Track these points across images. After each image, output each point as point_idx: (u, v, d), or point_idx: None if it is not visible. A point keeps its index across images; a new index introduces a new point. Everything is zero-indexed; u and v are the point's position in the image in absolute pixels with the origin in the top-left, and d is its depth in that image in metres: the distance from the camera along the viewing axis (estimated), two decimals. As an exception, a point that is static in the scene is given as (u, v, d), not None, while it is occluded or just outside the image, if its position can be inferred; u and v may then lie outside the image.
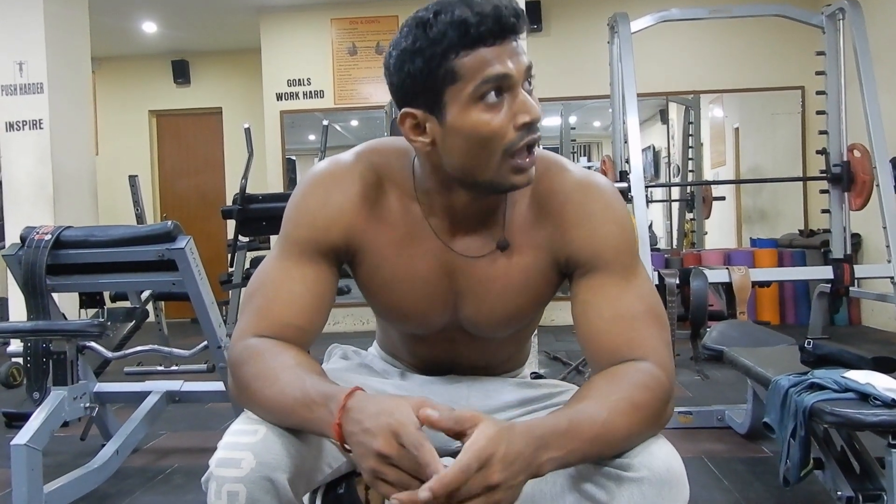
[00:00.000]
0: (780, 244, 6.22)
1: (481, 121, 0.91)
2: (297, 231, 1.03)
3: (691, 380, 3.91)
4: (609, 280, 0.99)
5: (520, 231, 1.04)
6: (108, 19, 6.28)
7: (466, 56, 0.89)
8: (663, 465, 0.88)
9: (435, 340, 1.12)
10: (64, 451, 2.86)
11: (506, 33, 0.89)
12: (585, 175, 1.04)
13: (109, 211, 6.13)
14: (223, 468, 0.87)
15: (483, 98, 0.91)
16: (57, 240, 2.40)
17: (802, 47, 5.20)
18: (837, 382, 1.81)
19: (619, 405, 0.88)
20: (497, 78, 0.90)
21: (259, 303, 1.01)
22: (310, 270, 1.01)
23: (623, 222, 1.02)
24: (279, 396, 0.90)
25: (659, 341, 0.97)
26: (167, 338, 4.49)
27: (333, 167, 1.05)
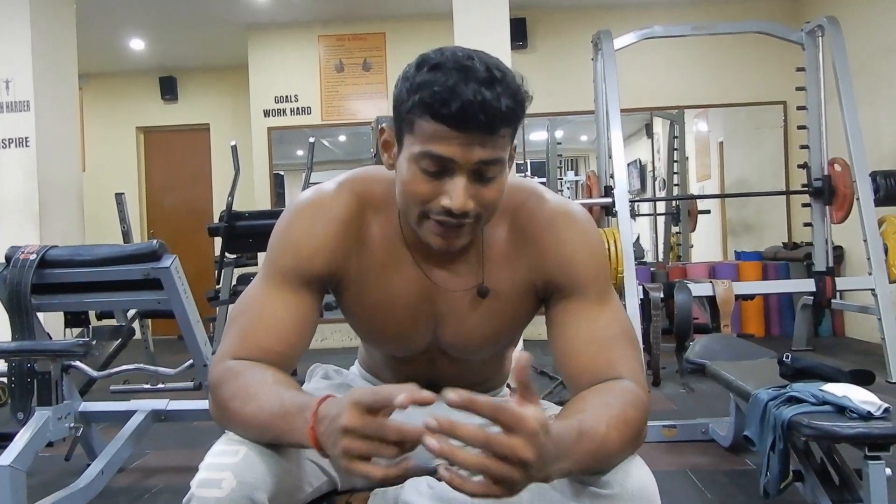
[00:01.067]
0: (765, 257, 6.28)
1: (413, 179, 0.94)
2: (282, 259, 1.05)
3: (676, 393, 3.94)
4: (585, 304, 1.02)
5: (498, 259, 1.06)
6: (96, 36, 6.30)
7: (425, 120, 0.91)
8: (637, 483, 0.90)
9: (416, 362, 1.14)
10: (49, 471, 2.85)
11: (470, 127, 0.89)
12: (562, 204, 1.07)
13: (96, 227, 6.12)
14: (204, 489, 0.88)
15: (420, 160, 0.93)
16: (42, 259, 2.41)
17: (784, 63, 5.27)
18: (815, 395, 1.84)
19: (614, 421, 0.89)
20: (437, 157, 0.92)
21: (242, 327, 1.03)
22: (293, 298, 1.03)
23: (597, 249, 1.06)
24: (257, 412, 0.91)
25: (635, 362, 1.00)
26: (153, 355, 4.48)
27: (317, 197, 1.07)
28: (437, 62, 0.91)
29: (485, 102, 0.88)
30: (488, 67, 0.90)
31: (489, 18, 4.28)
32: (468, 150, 0.91)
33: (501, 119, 0.90)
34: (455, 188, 0.92)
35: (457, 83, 0.88)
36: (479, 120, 0.89)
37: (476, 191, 0.94)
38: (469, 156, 0.91)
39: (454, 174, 0.92)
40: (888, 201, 4.37)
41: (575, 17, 6.41)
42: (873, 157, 4.61)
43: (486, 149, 0.91)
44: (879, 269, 4.10)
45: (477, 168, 0.93)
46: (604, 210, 4.64)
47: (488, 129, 0.90)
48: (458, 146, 0.90)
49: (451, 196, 0.93)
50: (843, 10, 5.07)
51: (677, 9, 6.31)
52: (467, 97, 0.88)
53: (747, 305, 5.85)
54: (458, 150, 0.91)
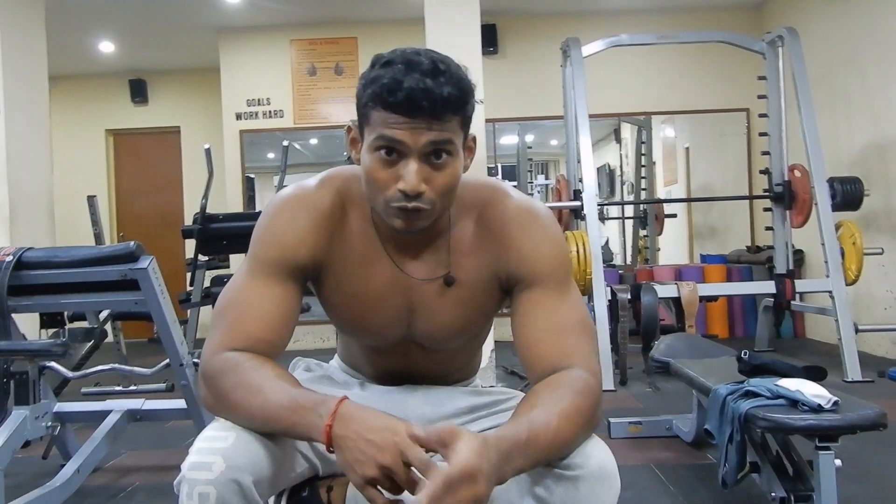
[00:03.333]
0: (729, 260, 6.44)
1: (373, 167, 1.04)
2: (266, 252, 1.12)
3: (642, 391, 4.04)
4: (544, 294, 1.10)
5: (465, 252, 1.14)
6: (65, 38, 6.26)
7: (378, 111, 1.01)
8: (597, 463, 0.98)
9: (392, 352, 1.21)
10: (25, 472, 2.85)
11: (417, 113, 0.99)
12: (526, 202, 1.16)
13: (66, 230, 6.07)
14: (195, 471, 0.95)
15: (378, 150, 1.03)
16: (18, 261, 2.42)
17: (747, 71, 5.43)
18: (770, 390, 1.94)
19: (565, 413, 0.98)
20: (389, 140, 1.01)
21: (231, 318, 1.09)
22: (278, 288, 1.10)
23: (558, 244, 1.15)
24: (264, 404, 0.97)
25: (589, 349, 1.09)
26: (126, 357, 4.48)
27: (299, 192, 1.15)
28: (388, 59, 1.02)
29: (427, 90, 0.98)
30: (433, 61, 1.01)
31: (460, 24, 4.35)
32: (417, 134, 1.00)
33: (444, 104, 0.99)
34: (408, 171, 1.01)
35: (403, 74, 0.99)
36: (423, 105, 0.98)
37: (429, 174, 1.02)
38: (418, 139, 1.00)
39: (407, 158, 1.01)
40: (845, 207, 4.52)
41: (545, 24, 6.52)
42: (831, 163, 4.78)
43: (434, 132, 1.00)
44: (836, 271, 4.25)
45: (427, 151, 1.01)
46: (573, 213, 4.74)
47: (432, 113, 0.99)
48: (406, 130, 1.00)
49: (405, 178, 1.01)
50: (803, 22, 5.24)
51: (645, 17, 6.46)
52: (411, 85, 0.98)
53: (712, 307, 6.00)
54: (407, 134, 1.00)
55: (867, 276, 4.62)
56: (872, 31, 4.94)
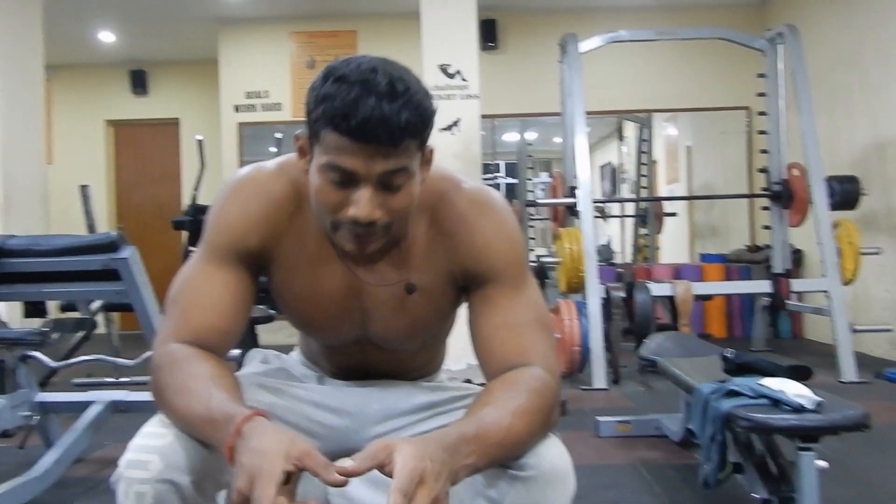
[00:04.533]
0: (729, 259, 6.40)
1: (322, 189, 0.97)
2: (217, 237, 1.07)
3: (635, 391, 4.01)
4: (500, 291, 1.06)
5: (420, 255, 1.09)
6: (65, 27, 6.24)
7: (330, 132, 0.93)
8: (549, 464, 0.95)
9: (349, 351, 1.18)
10: (4, 462, 2.83)
11: (369, 140, 0.91)
12: (477, 193, 1.09)
13: (63, 220, 6.06)
14: (132, 469, 0.92)
15: (328, 173, 0.95)
16: (1, 249, 2.41)
17: (748, 69, 5.38)
18: (753, 389, 1.91)
19: (519, 410, 0.94)
20: (340, 168, 0.94)
21: (181, 307, 1.05)
22: (230, 275, 1.06)
23: (512, 236, 1.09)
24: (186, 409, 0.94)
25: (546, 346, 1.05)
26: (117, 349, 4.47)
27: (255, 175, 1.10)
28: (341, 74, 0.93)
29: (384, 117, 0.90)
30: (391, 81, 0.92)
31: (457, 19, 4.33)
32: (371, 163, 0.93)
33: (402, 132, 0.92)
34: (360, 199, 0.94)
35: (357, 97, 0.90)
36: (378, 134, 0.90)
37: (383, 199, 0.96)
38: (372, 168, 0.93)
39: (359, 185, 0.94)
40: (843, 206, 4.49)
41: (546, 19, 6.48)
42: (830, 162, 4.74)
43: (390, 160, 0.93)
44: (833, 271, 4.22)
45: (382, 179, 0.94)
46: (568, 210, 4.71)
47: (389, 142, 0.91)
48: (360, 159, 0.92)
49: (357, 206, 0.94)
50: (804, 20, 5.19)
51: (647, 15, 6.41)
52: (366, 113, 0.90)
53: (710, 306, 5.97)
54: (361, 163, 0.93)
55: (865, 276, 4.58)
56: (874, 31, 4.90)
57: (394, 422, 1.16)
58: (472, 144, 4.41)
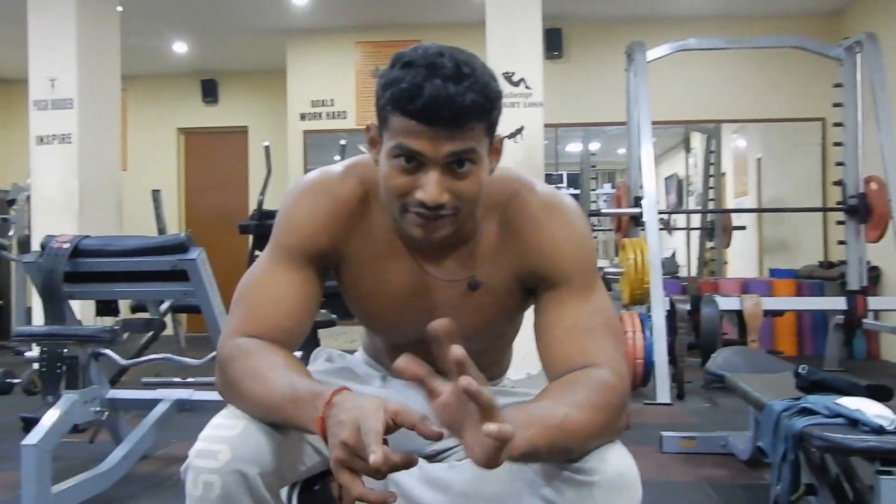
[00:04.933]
0: (800, 275, 6.17)
1: (391, 173, 0.98)
2: (286, 237, 1.08)
3: (700, 407, 3.89)
4: (568, 295, 1.03)
5: (489, 253, 1.08)
6: (141, 39, 6.48)
7: (397, 116, 0.94)
8: (615, 470, 0.91)
9: (414, 350, 1.16)
10: (75, 456, 2.92)
11: (436, 122, 0.92)
12: (551, 196, 1.09)
13: (135, 224, 6.23)
14: (200, 459, 0.93)
15: (397, 157, 0.96)
16: (75, 248, 2.49)
17: (823, 79, 5.21)
18: (828, 408, 1.82)
19: (577, 403, 0.91)
20: (408, 150, 0.94)
21: (248, 305, 1.06)
22: (297, 275, 1.06)
23: (583, 241, 1.07)
24: (267, 394, 0.94)
25: (614, 351, 1.01)
26: (184, 350, 4.58)
27: (323, 178, 1.11)
28: (409, 59, 0.94)
29: (449, 97, 0.91)
30: (457, 63, 0.93)
31: (521, 27, 4.32)
32: (437, 144, 0.93)
33: (467, 113, 0.92)
34: (427, 182, 0.95)
35: (423, 79, 0.91)
36: (443, 114, 0.91)
37: (451, 184, 0.96)
38: (438, 149, 0.93)
39: (427, 168, 0.95)
40: (925, 221, 4.28)
41: (611, 28, 6.40)
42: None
43: (456, 142, 0.93)
44: (913, 288, 4.02)
45: (448, 161, 0.95)
46: (632, 221, 4.63)
47: (454, 123, 0.92)
48: (426, 140, 0.93)
49: (424, 189, 0.95)
50: (882, 28, 4.99)
51: (714, 22, 6.27)
52: (432, 93, 0.91)
53: (780, 323, 5.77)
54: (428, 145, 0.93)
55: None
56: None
57: None
58: (536, 153, 4.38)
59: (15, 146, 7.60)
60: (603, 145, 8.21)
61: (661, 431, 3.06)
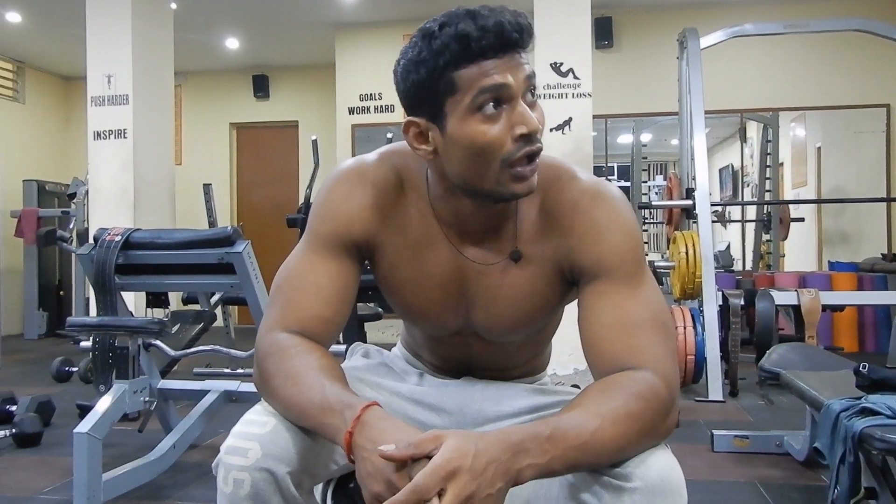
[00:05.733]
0: (861, 268, 5.94)
1: (478, 131, 0.93)
2: (322, 226, 1.07)
3: (753, 404, 3.78)
4: (612, 287, 0.98)
5: (528, 240, 1.05)
6: (194, 36, 6.59)
7: (466, 68, 0.91)
8: (657, 476, 0.86)
9: (452, 342, 1.15)
10: (126, 443, 3.00)
11: (507, 48, 0.91)
12: (594, 183, 1.04)
13: (188, 217, 6.39)
14: (231, 455, 0.92)
15: (481, 109, 0.92)
16: (126, 241, 2.54)
17: (887, 63, 5.00)
18: (891, 408, 1.74)
19: (611, 414, 0.87)
20: (494, 88, 0.91)
21: (286, 296, 1.05)
22: (334, 264, 1.05)
23: (629, 230, 1.01)
24: (298, 397, 0.93)
25: (661, 349, 0.95)
26: (233, 341, 4.65)
27: (357, 166, 1.09)
28: (443, 22, 0.92)
29: (510, 21, 0.91)
30: (485, 5, 0.93)
31: (570, 16, 4.24)
32: (517, 71, 0.93)
33: (528, 31, 0.93)
34: (522, 112, 0.93)
35: (479, 19, 0.91)
36: (514, 36, 0.91)
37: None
38: (519, 75, 0.93)
39: (513, 102, 0.93)
40: None
41: (663, 15, 6.25)
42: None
43: (528, 65, 0.94)
44: (985, 283, 3.82)
45: (527, 87, 0.94)
46: (684, 213, 4.52)
47: (522, 43, 0.93)
48: (507, 70, 0.92)
49: (524, 121, 0.93)
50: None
51: (770, 6, 6.07)
52: (496, 22, 0.90)
53: (840, 318, 5.57)
54: (510, 74, 0.92)
55: None
56: None
57: (493, 424, 1.11)
58: (584, 144, 4.31)
59: (75, 142, 7.84)
60: (654, 136, 8.05)
61: (713, 430, 2.98)
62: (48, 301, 7.21)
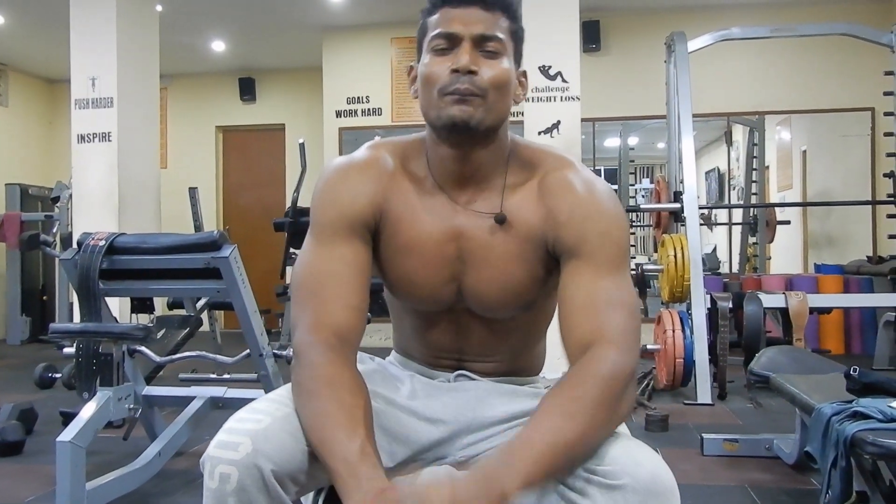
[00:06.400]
0: (847, 271, 5.98)
1: (429, 64, 1.08)
2: (325, 214, 1.12)
3: (743, 407, 3.79)
4: (590, 268, 1.03)
5: (520, 206, 1.10)
6: (180, 38, 6.54)
7: (434, 15, 1.09)
8: (647, 473, 0.88)
9: (443, 323, 1.16)
10: (110, 451, 2.95)
11: (465, 3, 1.07)
12: (592, 177, 1.11)
13: (174, 221, 6.32)
14: (220, 449, 0.92)
15: (435, 49, 1.08)
16: (110, 246, 2.49)
17: (872, 67, 5.03)
18: (882, 412, 1.74)
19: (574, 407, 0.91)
20: (444, 34, 1.07)
21: (312, 299, 1.07)
22: (347, 250, 1.09)
23: (615, 222, 1.07)
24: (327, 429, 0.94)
25: (625, 326, 1.00)
26: (220, 346, 4.60)
27: (348, 157, 1.17)
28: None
29: None
30: None
31: (558, 20, 4.24)
32: (468, 22, 1.06)
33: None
34: (460, 52, 1.05)
35: None
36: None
37: (480, 61, 1.06)
38: (470, 26, 1.06)
39: (459, 47, 1.06)
40: (983, 214, 4.10)
41: (650, 19, 6.27)
42: (968, 167, 4.34)
43: (484, 24, 1.07)
44: (970, 285, 3.85)
45: (478, 39, 1.06)
46: (672, 216, 4.52)
47: (483, 3, 1.07)
48: (459, 21, 1.07)
49: (457, 59, 1.05)
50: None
51: (757, 10, 6.10)
52: None
53: (826, 320, 5.60)
54: (460, 25, 1.06)
55: None
56: None
57: (488, 430, 1.12)
58: (573, 147, 4.30)
59: (59, 145, 7.76)
60: (641, 140, 8.06)
61: (702, 433, 2.98)
62: (31, 306, 7.13)
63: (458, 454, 1.12)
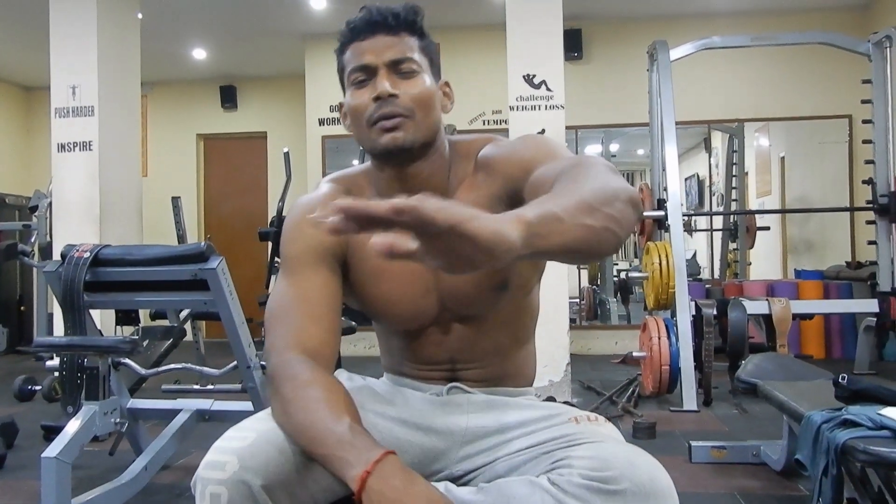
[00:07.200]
0: (827, 276, 6.05)
1: (352, 99, 1.12)
2: (293, 248, 1.14)
3: (728, 414, 3.81)
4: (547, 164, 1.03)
5: (469, 193, 1.14)
6: (161, 45, 6.49)
7: (347, 51, 1.13)
8: (646, 477, 0.89)
9: (431, 335, 1.16)
10: (95, 466, 2.91)
11: (375, 29, 1.10)
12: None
13: (155, 230, 6.27)
14: (208, 470, 0.92)
15: (354, 83, 1.12)
16: (95, 258, 2.47)
17: (850, 75, 5.10)
18: (872, 419, 1.75)
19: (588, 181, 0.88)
20: (360, 67, 1.11)
21: (281, 322, 1.09)
22: (315, 277, 1.11)
23: (547, 141, 1.13)
24: (316, 424, 0.94)
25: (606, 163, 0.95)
26: (204, 357, 4.56)
27: (308, 195, 1.22)
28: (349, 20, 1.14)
29: (380, 12, 1.10)
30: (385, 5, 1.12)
31: (542, 29, 4.25)
32: (379, 52, 1.10)
33: (397, 18, 1.10)
34: (378, 80, 1.09)
35: (360, 14, 1.12)
36: (377, 21, 1.10)
37: (399, 83, 1.10)
38: (381, 55, 1.10)
39: (376, 76, 1.10)
40: (960, 220, 4.17)
41: (632, 28, 6.32)
42: (944, 174, 4.41)
43: (394, 49, 1.10)
44: (949, 291, 3.91)
45: (391, 64, 1.10)
46: (656, 223, 4.55)
47: (388, 28, 1.10)
48: (370, 52, 1.10)
49: (376, 87, 1.09)
50: (914, 22, 4.87)
51: (737, 19, 6.17)
52: (366, 14, 1.11)
53: (807, 326, 5.66)
54: (371, 55, 1.10)
55: (984, 298, 4.23)
56: None
57: (483, 441, 1.11)
58: (557, 156, 4.31)
59: (37, 153, 7.66)
60: (622, 146, 8.12)
61: (689, 440, 2.99)
62: (9, 317, 7.01)
63: (454, 468, 1.11)
